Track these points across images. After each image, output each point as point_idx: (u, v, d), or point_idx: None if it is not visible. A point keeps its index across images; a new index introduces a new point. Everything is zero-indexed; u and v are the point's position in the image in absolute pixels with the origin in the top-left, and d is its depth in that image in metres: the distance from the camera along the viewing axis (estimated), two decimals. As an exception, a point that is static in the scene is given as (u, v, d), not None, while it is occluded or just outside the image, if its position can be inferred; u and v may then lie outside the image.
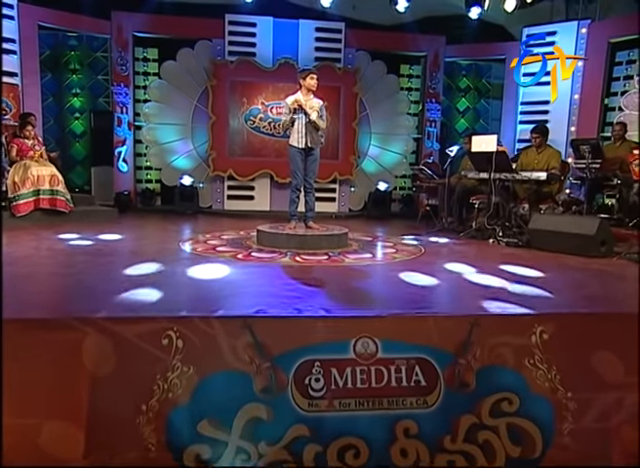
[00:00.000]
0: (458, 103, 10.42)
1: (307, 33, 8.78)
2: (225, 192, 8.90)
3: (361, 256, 4.61)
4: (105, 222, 6.67)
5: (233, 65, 8.55)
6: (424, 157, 9.45)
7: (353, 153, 8.95)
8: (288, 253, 4.58)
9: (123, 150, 8.75)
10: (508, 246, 5.60)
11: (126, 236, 5.75)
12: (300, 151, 5.26)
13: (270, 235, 5.00)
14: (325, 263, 4.26)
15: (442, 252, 5.09)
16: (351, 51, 8.98)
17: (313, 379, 2.48)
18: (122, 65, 8.63)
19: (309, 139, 5.21)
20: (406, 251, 5.04)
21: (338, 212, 9.08)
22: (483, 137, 5.98)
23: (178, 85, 8.73)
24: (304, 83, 5.26)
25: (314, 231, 5.18)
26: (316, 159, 5.34)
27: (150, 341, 2.40)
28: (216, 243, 5.20)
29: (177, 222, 7.38)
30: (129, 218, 7.51)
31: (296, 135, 5.26)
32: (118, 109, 8.70)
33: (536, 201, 6.11)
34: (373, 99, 9.15)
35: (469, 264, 4.26)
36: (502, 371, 2.62)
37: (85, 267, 3.85)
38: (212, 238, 5.62)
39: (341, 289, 3.40)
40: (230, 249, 4.83)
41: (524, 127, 8.85)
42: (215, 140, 8.62)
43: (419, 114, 9.59)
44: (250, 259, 4.33)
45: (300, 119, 5.19)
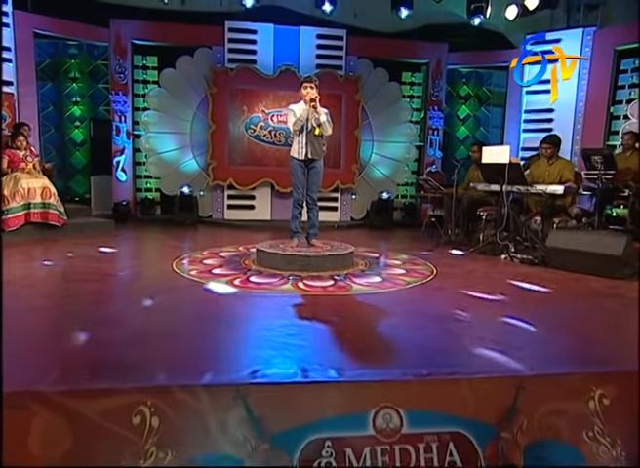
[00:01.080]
0: (458, 111, 9.79)
1: (308, 40, 8.15)
2: (226, 201, 8.27)
3: (369, 281, 3.99)
4: (100, 236, 6.04)
5: (233, 73, 7.91)
6: (427, 165, 8.83)
7: (355, 161, 8.32)
8: (290, 278, 3.96)
9: (122, 159, 8.11)
10: (522, 263, 4.99)
11: (116, 254, 5.11)
12: (301, 163, 4.64)
13: (271, 255, 4.38)
14: (331, 291, 3.62)
15: (455, 273, 4.46)
16: (353, 58, 8.35)
17: (324, 463, 1.87)
18: (120, 73, 7.99)
19: (311, 150, 4.59)
20: (416, 272, 4.42)
21: (339, 221, 8.46)
22: (494, 148, 5.37)
23: (177, 93, 8.10)
24: (300, 94, 4.65)
25: (318, 250, 4.56)
26: (319, 171, 4.71)
27: (117, 420, 1.78)
28: (212, 263, 4.57)
29: (174, 235, 6.75)
30: (126, 231, 6.88)
31: (296, 145, 4.64)
32: (116, 118, 8.06)
33: (549, 214, 5.49)
34: (375, 107, 8.52)
35: (489, 293, 3.65)
36: (556, 447, 2.01)
37: (52, 303, 3.21)
38: (209, 255, 4.99)
39: (354, 333, 2.76)
40: (227, 271, 4.21)
41: (528, 135, 8.24)
42: (214, 149, 7.98)
43: (420, 122, 8.96)
44: (248, 287, 3.69)
45: (303, 128, 4.57)
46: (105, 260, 4.66)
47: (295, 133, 4.60)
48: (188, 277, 3.98)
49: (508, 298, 3.56)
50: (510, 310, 3.20)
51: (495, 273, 4.55)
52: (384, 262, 4.88)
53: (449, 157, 9.43)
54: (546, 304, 3.51)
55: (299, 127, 4.53)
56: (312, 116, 4.56)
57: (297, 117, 4.54)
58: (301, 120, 4.51)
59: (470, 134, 9.84)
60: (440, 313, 3.15)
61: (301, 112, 4.55)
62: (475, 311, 3.20)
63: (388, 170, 8.78)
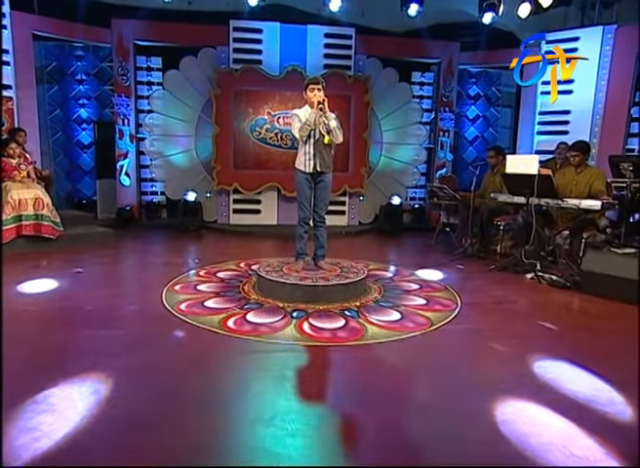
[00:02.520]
0: (467, 111, 8.81)
1: (316, 39, 7.19)
2: (231, 206, 7.41)
3: (387, 319, 3.12)
4: (94, 249, 5.23)
5: (238, 74, 6.99)
6: (437, 168, 7.90)
7: (364, 165, 7.41)
8: (293, 316, 3.12)
9: (125, 163, 7.27)
10: (552, 285, 4.11)
11: (100, 276, 4.23)
12: (307, 177, 3.77)
13: (273, 283, 3.53)
14: (343, 339, 2.75)
15: (483, 303, 3.59)
16: (362, 58, 7.39)
17: None
18: (123, 75, 7.10)
19: (319, 162, 3.71)
20: (438, 302, 3.56)
21: (347, 225, 7.58)
22: (521, 157, 4.47)
23: (181, 95, 7.21)
24: (306, 97, 3.77)
25: (326, 276, 3.71)
26: (327, 185, 3.84)
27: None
28: (207, 290, 3.74)
29: (175, 245, 5.94)
30: (124, 241, 6.04)
31: (302, 156, 3.76)
32: (120, 121, 7.19)
33: (579, 230, 4.58)
34: (384, 108, 7.58)
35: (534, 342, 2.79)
36: None
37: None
38: (206, 277, 4.16)
39: (376, 426, 1.88)
40: (222, 304, 3.37)
41: (542, 138, 7.28)
42: (219, 153, 7.10)
43: (430, 123, 8.02)
44: (243, 332, 2.85)
45: (308, 136, 3.69)
46: (82, 286, 3.82)
47: (301, 139, 3.71)
48: (175, 312, 3.15)
49: (567, 349, 2.69)
50: (583, 374, 2.34)
51: (528, 303, 3.68)
52: (400, 287, 4.01)
53: (459, 159, 8.51)
54: (623, 357, 2.63)
55: (306, 132, 3.64)
56: (320, 121, 3.68)
57: (303, 122, 3.66)
58: (309, 124, 3.62)
59: (479, 134, 8.87)
60: (490, 383, 2.29)
61: (310, 118, 3.66)
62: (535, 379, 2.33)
63: (397, 172, 7.87)
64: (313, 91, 3.71)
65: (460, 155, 8.68)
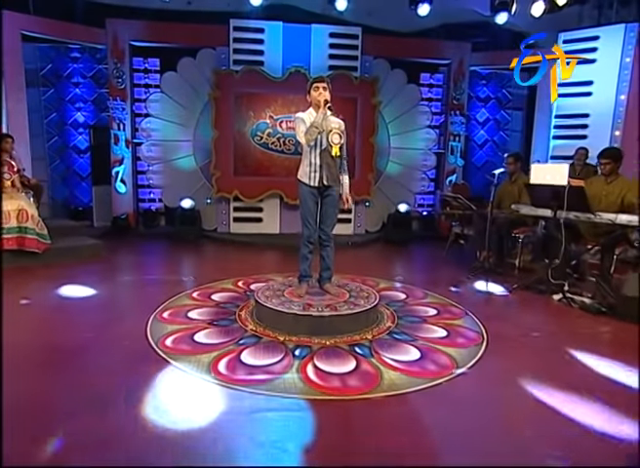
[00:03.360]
0: (477, 114, 8.28)
1: (321, 39, 6.69)
2: (231, 214, 6.92)
3: (404, 359, 2.63)
4: (82, 265, 4.76)
5: (238, 75, 6.49)
6: (447, 173, 7.39)
7: (371, 170, 6.90)
8: (295, 356, 2.63)
9: (121, 170, 6.79)
10: (584, 310, 3.60)
11: (80, 301, 3.71)
12: (313, 191, 3.27)
13: (273, 313, 3.04)
14: (355, 390, 2.26)
15: (511, 336, 3.07)
16: (369, 59, 6.88)
17: None
18: (118, 78, 6.63)
19: (326, 174, 3.22)
20: (461, 334, 3.06)
21: (354, 233, 7.08)
22: (548, 166, 3.97)
23: (179, 98, 6.73)
24: (310, 97, 3.28)
25: (332, 300, 3.21)
26: (335, 200, 3.34)
27: None
28: (200, 318, 3.25)
29: (170, 259, 5.47)
30: (116, 254, 5.54)
31: (307, 167, 3.26)
32: (115, 126, 6.72)
33: (611, 246, 4.06)
34: (392, 111, 7.08)
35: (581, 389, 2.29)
36: None
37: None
38: (200, 300, 3.68)
39: None
40: (214, 338, 2.88)
41: (558, 143, 6.75)
42: (218, 158, 6.61)
43: (440, 127, 7.51)
44: (233, 381, 2.34)
45: (314, 143, 3.20)
46: (55, 313, 3.33)
47: (307, 144, 3.20)
48: (159, 350, 2.66)
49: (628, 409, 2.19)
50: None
51: (564, 334, 3.16)
52: (416, 313, 3.50)
53: (468, 164, 7.98)
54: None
55: (313, 136, 3.12)
56: (329, 125, 3.18)
57: (310, 124, 3.15)
58: (316, 126, 3.11)
59: (489, 138, 8.35)
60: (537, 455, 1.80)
61: (317, 119, 3.15)
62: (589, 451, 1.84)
63: (406, 178, 7.36)
64: (318, 89, 3.22)
65: (469, 159, 8.18)
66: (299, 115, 3.26)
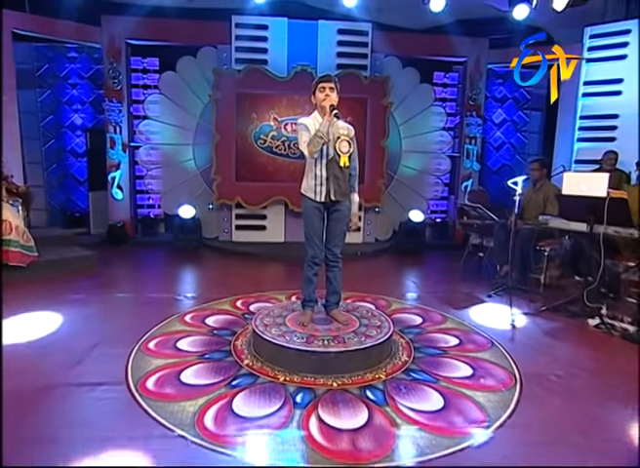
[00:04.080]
0: (493, 115, 7.84)
1: (328, 36, 6.29)
2: (233, 221, 6.55)
3: (425, 409, 2.21)
4: (70, 279, 4.41)
5: (240, 75, 6.11)
6: (462, 178, 6.95)
7: (382, 176, 6.49)
8: (297, 404, 2.23)
9: (117, 175, 6.45)
10: (629, 340, 3.17)
11: (59, 329, 3.28)
12: (318, 206, 2.87)
13: (273, 347, 2.65)
14: (367, 457, 1.84)
15: (548, 371, 2.65)
16: (379, 57, 6.48)
17: None
18: (114, 78, 6.28)
19: (334, 188, 2.81)
20: (488, 371, 2.64)
21: (363, 242, 6.68)
22: (583, 175, 3.52)
23: (178, 99, 6.37)
24: (315, 100, 2.89)
25: (339, 330, 2.82)
26: (344, 217, 2.93)
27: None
28: (189, 350, 2.86)
29: (166, 272, 5.11)
30: (110, 265, 5.18)
31: (312, 180, 2.86)
32: (111, 129, 6.37)
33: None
34: (404, 113, 6.66)
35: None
36: None
37: None
38: (192, 324, 3.30)
39: None
40: (204, 377, 2.49)
41: (583, 145, 6.31)
42: (219, 163, 6.24)
43: (455, 129, 7.08)
44: (222, 441, 1.93)
45: (319, 153, 2.80)
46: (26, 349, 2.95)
47: (311, 156, 2.80)
48: (138, 396, 2.28)
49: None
50: None
51: (608, 370, 2.73)
52: (435, 343, 3.08)
53: (483, 167, 7.52)
54: None
55: (317, 147, 2.73)
56: (334, 130, 2.79)
57: (313, 133, 2.76)
58: (321, 135, 2.71)
59: (506, 140, 7.89)
60: None
61: (321, 127, 2.74)
62: None
63: (418, 184, 6.94)
64: (324, 90, 2.82)
65: (484, 163, 7.74)
66: (302, 121, 2.87)
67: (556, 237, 4.61)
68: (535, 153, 7.76)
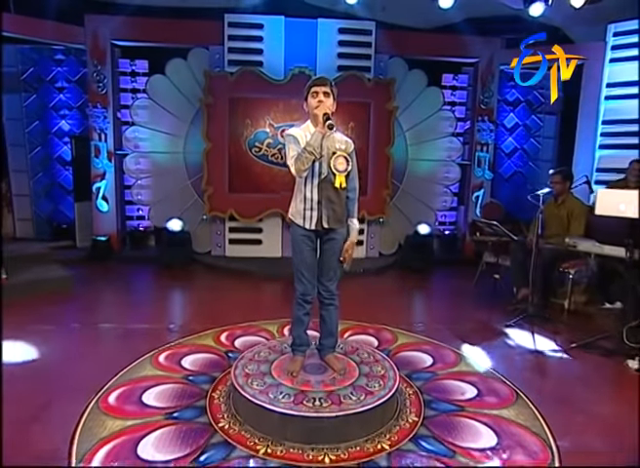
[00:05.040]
0: (505, 119, 7.34)
1: (328, 36, 5.84)
2: (227, 235, 6.10)
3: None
4: (39, 306, 3.97)
5: (234, 77, 5.67)
6: (473, 188, 6.47)
7: (386, 187, 6.02)
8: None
9: (102, 186, 6.02)
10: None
11: (10, 372, 2.92)
12: (309, 235, 2.41)
13: (254, 408, 2.19)
14: None
15: (590, 439, 2.18)
16: (384, 58, 6.02)
17: None
18: (99, 82, 5.87)
19: (327, 214, 2.35)
20: (516, 441, 2.16)
21: (366, 257, 6.21)
22: (621, 193, 3.04)
23: (167, 104, 5.94)
24: (307, 107, 2.43)
25: (335, 381, 2.36)
26: (338, 246, 2.46)
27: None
28: (155, 406, 2.40)
29: (149, 294, 4.68)
30: (87, 287, 4.71)
31: (301, 204, 2.40)
32: (95, 136, 5.96)
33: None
34: (410, 118, 6.19)
35: None
36: None
37: None
38: (164, 367, 2.84)
39: None
40: (166, 450, 2.02)
41: (606, 153, 5.81)
42: (211, 173, 5.79)
43: (464, 135, 6.61)
44: None
45: (310, 171, 2.35)
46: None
47: (298, 175, 2.35)
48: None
49: None
50: None
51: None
52: (449, 394, 2.60)
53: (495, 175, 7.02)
54: None
55: (307, 165, 2.27)
56: (328, 144, 2.34)
57: (303, 147, 2.29)
58: (312, 151, 2.25)
59: (519, 146, 7.39)
60: None
61: (312, 141, 2.29)
62: None
63: (425, 194, 6.46)
64: (317, 96, 2.38)
65: (495, 170, 7.25)
66: (291, 132, 2.41)
67: (581, 257, 4.13)
68: (550, 159, 7.27)
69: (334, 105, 2.43)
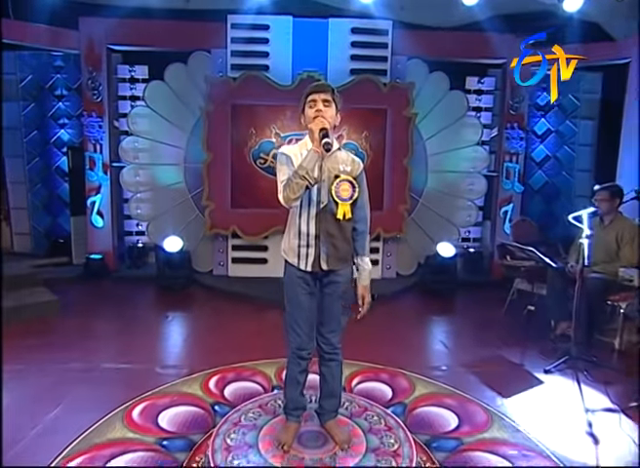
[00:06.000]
0: (535, 125, 6.83)
1: (340, 37, 5.46)
2: (230, 254, 5.75)
3: None
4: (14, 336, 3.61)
5: (237, 83, 5.34)
6: (501, 202, 5.97)
7: (404, 201, 5.58)
8: None
9: (97, 200, 5.73)
10: None
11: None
12: (304, 277, 2.02)
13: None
14: None
15: None
16: (401, 60, 5.61)
17: None
18: (94, 89, 5.60)
19: (326, 252, 1.98)
20: None
21: (382, 277, 5.77)
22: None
23: (166, 112, 5.64)
24: (304, 119, 2.03)
25: (338, 460, 1.93)
26: (340, 289, 2.06)
27: None
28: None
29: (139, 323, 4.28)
30: (73, 314, 4.34)
31: (295, 239, 2.03)
32: (90, 147, 5.68)
33: None
34: (431, 125, 5.75)
35: None
36: None
37: None
38: (135, 430, 2.44)
39: None
40: None
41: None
42: (212, 187, 5.45)
43: (491, 143, 6.14)
44: None
45: (305, 199, 1.95)
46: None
47: (287, 204, 1.99)
48: None
49: None
50: None
51: None
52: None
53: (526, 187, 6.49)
54: None
55: (299, 192, 1.90)
56: (328, 165, 1.94)
57: (294, 170, 1.90)
58: (305, 175, 1.86)
59: (550, 154, 6.86)
60: None
61: (305, 162, 1.89)
62: None
63: (448, 208, 5.99)
64: (315, 105, 1.98)
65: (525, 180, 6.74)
66: (284, 150, 2.03)
67: (634, 288, 3.61)
68: (586, 169, 6.74)
69: (337, 118, 2.03)
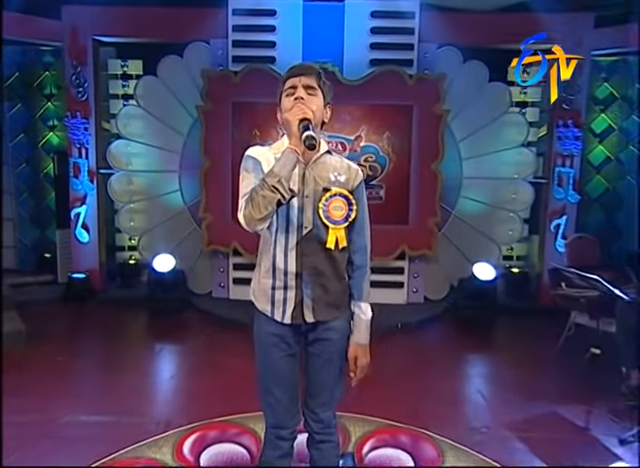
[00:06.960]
0: (593, 122, 6.24)
1: (358, 22, 5.06)
2: (231, 273, 5.38)
3: None
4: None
5: (239, 77, 5.00)
6: (552, 215, 5.41)
7: (434, 213, 5.10)
8: None
9: (82, 211, 5.46)
10: None
11: None
12: (279, 333, 1.56)
13: None
14: None
15: None
16: (430, 48, 5.16)
17: None
18: (78, 86, 5.36)
19: (312, 296, 1.52)
20: None
21: (407, 302, 5.29)
22: None
23: (159, 112, 5.36)
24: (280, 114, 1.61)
25: None
26: (335, 349, 1.59)
27: None
28: None
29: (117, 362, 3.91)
30: (42, 350, 3.98)
31: (268, 279, 1.56)
32: (75, 151, 5.44)
33: None
34: (465, 124, 5.29)
35: None
36: None
37: None
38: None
39: None
40: None
41: None
42: (209, 197, 5.11)
43: (539, 144, 5.61)
44: None
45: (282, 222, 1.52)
46: None
47: (250, 228, 1.48)
48: None
49: None
50: None
51: None
52: None
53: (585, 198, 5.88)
54: None
55: (266, 211, 1.42)
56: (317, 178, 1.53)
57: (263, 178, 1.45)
58: (276, 184, 1.40)
59: (611, 156, 6.25)
60: None
61: (277, 167, 1.44)
62: None
63: (486, 222, 5.48)
64: (292, 93, 1.56)
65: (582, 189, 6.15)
66: (251, 152, 1.61)
67: None
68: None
69: (326, 112, 1.61)
